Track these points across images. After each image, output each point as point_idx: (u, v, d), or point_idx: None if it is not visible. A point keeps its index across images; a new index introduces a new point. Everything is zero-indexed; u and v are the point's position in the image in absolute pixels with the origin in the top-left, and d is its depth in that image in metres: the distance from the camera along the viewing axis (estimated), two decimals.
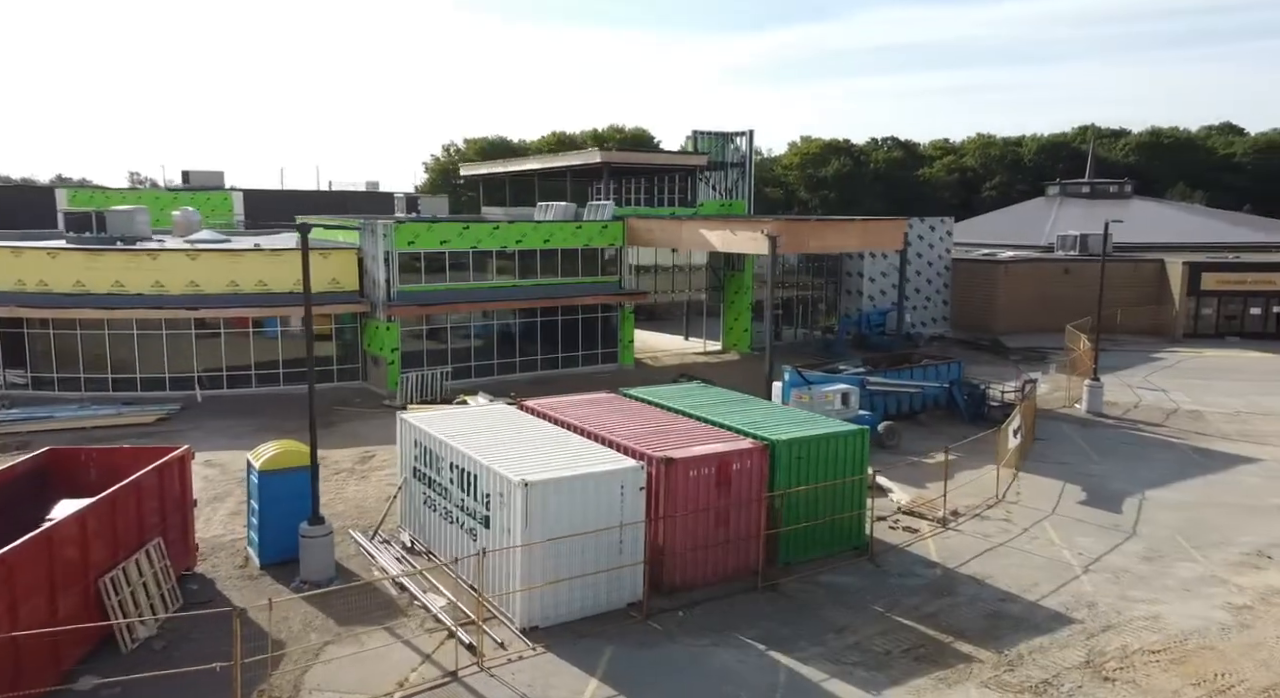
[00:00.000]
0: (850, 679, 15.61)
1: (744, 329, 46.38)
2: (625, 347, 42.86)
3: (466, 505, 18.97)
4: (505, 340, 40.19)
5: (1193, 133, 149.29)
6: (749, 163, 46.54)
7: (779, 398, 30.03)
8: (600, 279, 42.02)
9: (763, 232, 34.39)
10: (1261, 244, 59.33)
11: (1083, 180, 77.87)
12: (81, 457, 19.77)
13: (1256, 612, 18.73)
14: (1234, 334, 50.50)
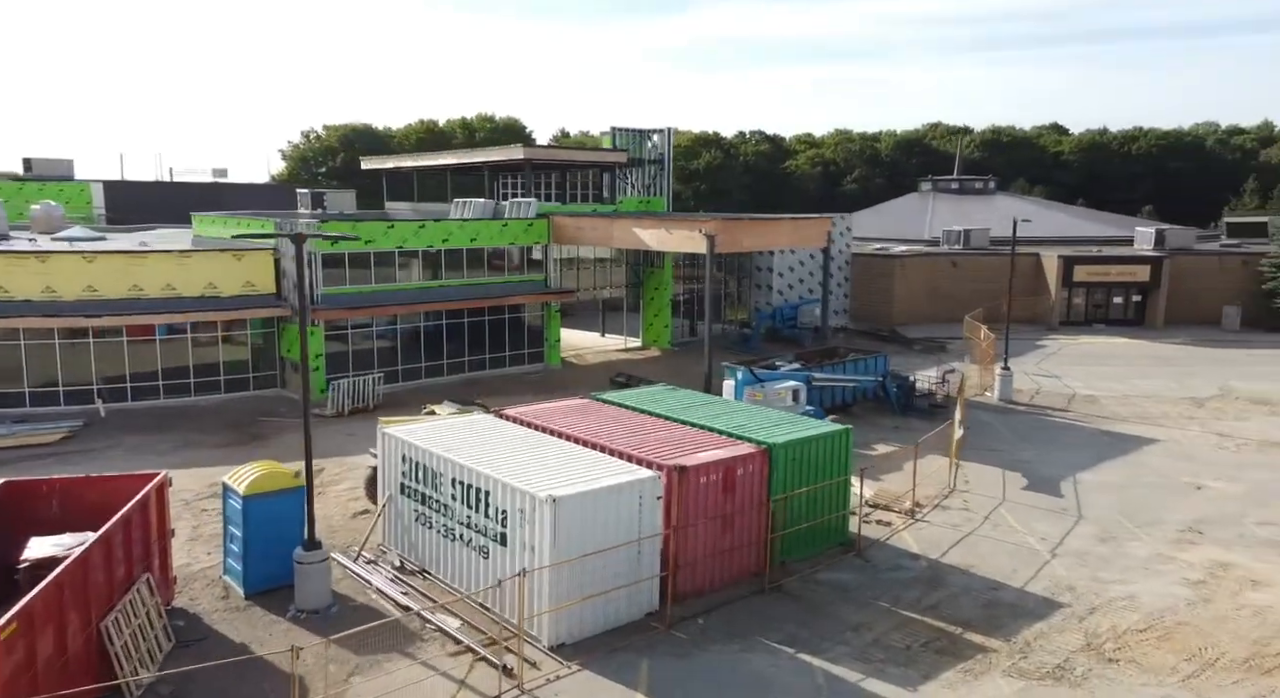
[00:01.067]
0: (885, 677, 16.20)
1: (664, 325, 46.78)
2: (552, 346, 42.51)
3: (475, 523, 18.52)
4: (432, 343, 39.15)
5: (1026, 131, 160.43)
6: (667, 159, 46.89)
7: (730, 396, 30.55)
8: (526, 278, 41.51)
9: (701, 231, 34.82)
10: (1113, 238, 64.22)
11: (952, 177, 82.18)
12: (42, 489, 18.15)
13: (1210, 586, 20.48)
14: (1100, 321, 54.66)
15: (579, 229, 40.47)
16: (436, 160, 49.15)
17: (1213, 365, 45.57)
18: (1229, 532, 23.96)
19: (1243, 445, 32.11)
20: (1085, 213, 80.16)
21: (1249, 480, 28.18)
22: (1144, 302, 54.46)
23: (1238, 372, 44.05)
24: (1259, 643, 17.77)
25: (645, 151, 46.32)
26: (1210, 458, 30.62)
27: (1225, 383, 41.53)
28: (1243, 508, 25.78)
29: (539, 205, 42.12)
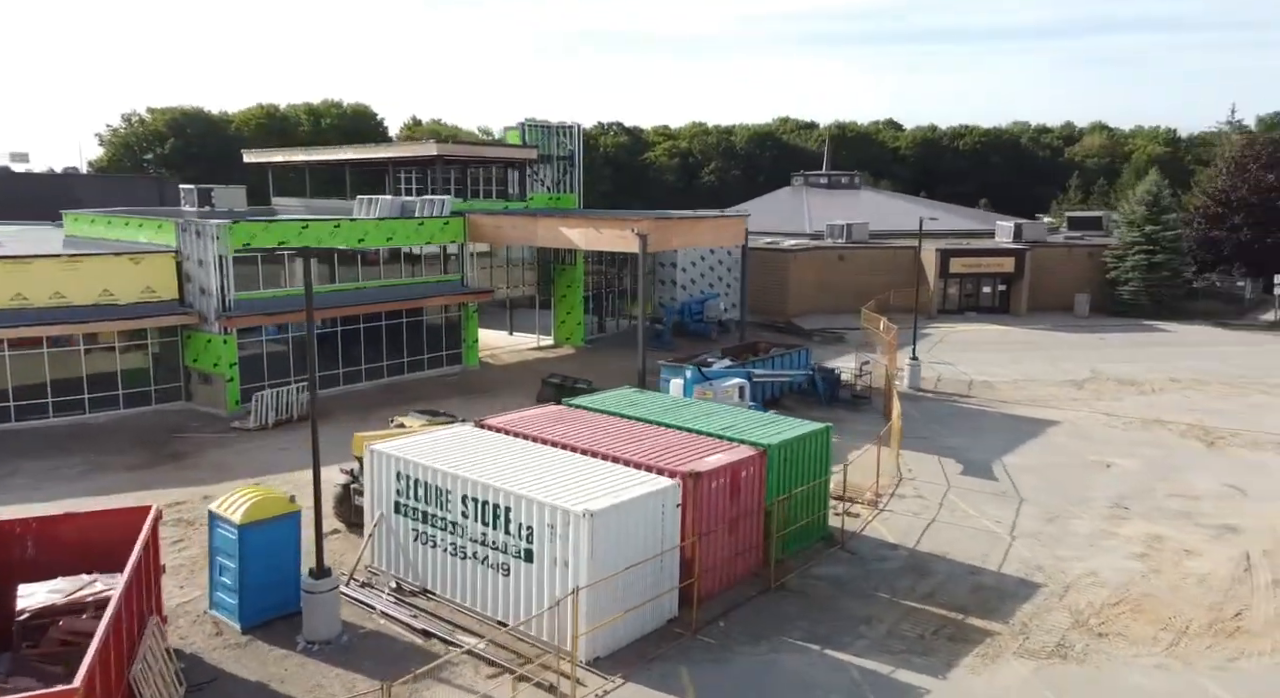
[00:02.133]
0: (912, 667, 17.05)
1: (577, 323, 46.66)
2: (470, 347, 41.68)
3: (492, 540, 18.18)
4: (350, 348, 37.65)
5: (864, 126, 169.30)
6: (578, 155, 46.59)
7: (679, 394, 30.96)
8: (444, 278, 40.48)
9: (633, 230, 35.00)
10: (975, 231, 68.60)
11: (821, 172, 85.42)
12: (15, 529, 16.50)
13: (1153, 558, 22.53)
14: (971, 310, 58.47)
15: (498, 228, 39.79)
16: (334, 155, 46.98)
17: (1076, 350, 49.56)
18: (1147, 505, 26.38)
19: (1128, 424, 35.21)
20: (942, 206, 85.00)
21: (1144, 457, 31.00)
22: (1008, 291, 58.60)
23: (1099, 355, 48.04)
24: (1214, 609, 19.76)
25: (555, 147, 45.93)
26: (1105, 437, 33.45)
27: (1094, 366, 45.25)
28: (1149, 483, 28.37)
29: (453, 203, 41.11)
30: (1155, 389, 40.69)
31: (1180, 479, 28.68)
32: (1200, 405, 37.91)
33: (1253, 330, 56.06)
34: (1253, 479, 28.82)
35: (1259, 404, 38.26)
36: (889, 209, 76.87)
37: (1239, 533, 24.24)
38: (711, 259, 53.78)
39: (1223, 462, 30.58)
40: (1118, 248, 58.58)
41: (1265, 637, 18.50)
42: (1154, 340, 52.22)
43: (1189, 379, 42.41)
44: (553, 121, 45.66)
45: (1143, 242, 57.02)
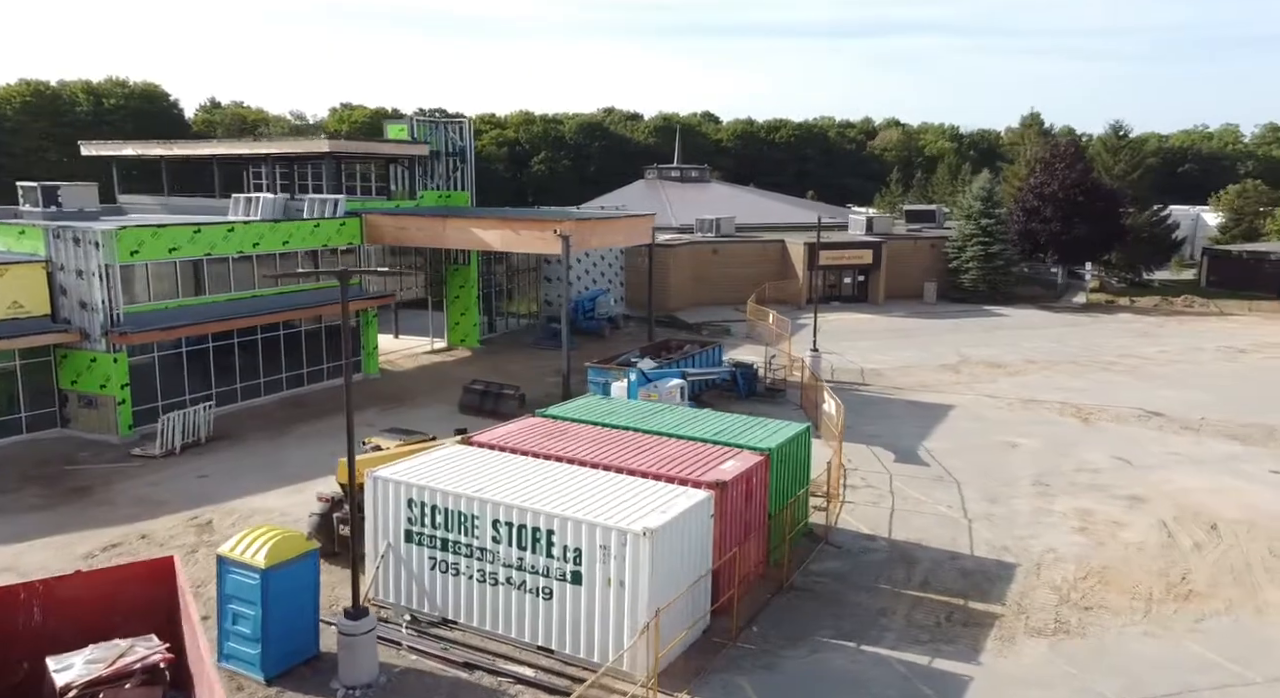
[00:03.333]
0: (945, 655, 18.07)
1: (472, 324, 45.46)
2: (370, 354, 39.79)
3: (530, 564, 17.70)
4: (248, 361, 35.10)
5: (685, 118, 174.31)
6: (470, 151, 45.10)
7: (624, 396, 31.00)
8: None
9: (556, 231, 34.57)
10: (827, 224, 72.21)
11: (673, 165, 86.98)
12: (19, 595, 14.54)
13: (1092, 532, 24.83)
14: (835, 300, 61.64)
15: (401, 229, 38.11)
16: (208, 150, 43.05)
17: (937, 335, 53.34)
18: (1062, 481, 28.98)
19: (1011, 405, 38.37)
20: (786, 198, 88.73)
21: (1039, 435, 33.91)
22: (866, 281, 62.16)
23: (958, 340, 51.87)
24: (1162, 575, 22.08)
25: (446, 143, 44.39)
26: (997, 418, 36.32)
27: (959, 350, 48.88)
28: (1053, 460, 31.13)
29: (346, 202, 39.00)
30: (1018, 371, 44.47)
31: (1076, 455, 31.63)
32: (1061, 384, 41.80)
33: (1071, 313, 62.22)
34: (1131, 451, 32.19)
35: (1107, 381, 42.58)
36: (738, 202, 79.46)
37: (1145, 502, 27.10)
38: (594, 255, 53.82)
39: (1102, 436, 33.93)
40: (957, 240, 63.37)
41: (1215, 597, 20.90)
42: (998, 325, 56.95)
43: (1043, 360, 46.63)
44: (449, 113, 44.22)
45: (979, 234, 61.97)
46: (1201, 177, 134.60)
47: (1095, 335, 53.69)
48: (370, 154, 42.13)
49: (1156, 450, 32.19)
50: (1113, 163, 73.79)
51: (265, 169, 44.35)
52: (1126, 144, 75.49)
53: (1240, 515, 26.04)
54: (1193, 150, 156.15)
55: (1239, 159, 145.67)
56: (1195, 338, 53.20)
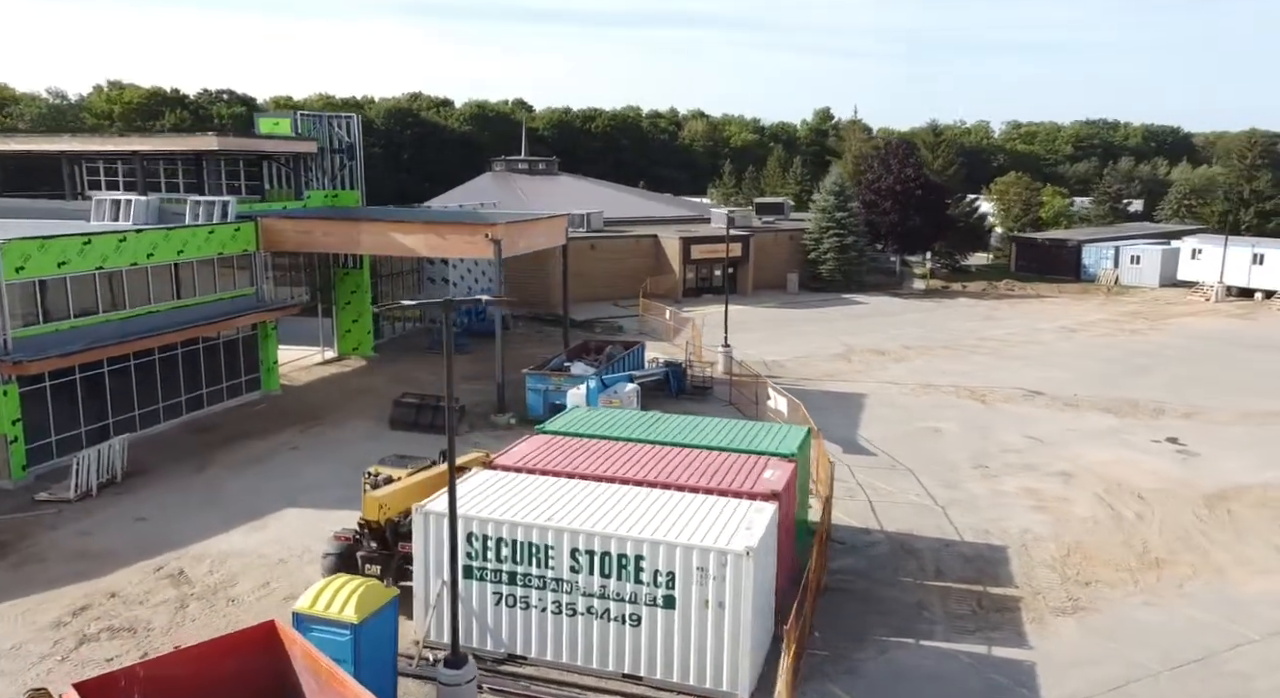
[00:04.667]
0: (998, 643, 19.06)
1: (366, 331, 42.92)
2: (270, 370, 36.77)
3: (616, 592, 17.17)
4: (145, 383, 31.58)
5: (497, 105, 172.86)
6: (359, 148, 42.14)
7: (582, 403, 30.42)
8: (239, 293, 35.23)
9: (487, 236, 33.30)
10: (685, 217, 73.71)
11: (520, 158, 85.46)
12: (119, 682, 12.55)
13: (1049, 510, 26.85)
14: (707, 292, 63.03)
15: (305, 234, 35.30)
16: (44, 145, 37.63)
17: (814, 324, 55.69)
18: (996, 463, 31.25)
19: (913, 391, 40.77)
20: (629, 190, 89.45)
21: (954, 419, 36.27)
22: (735, 273, 63.90)
23: (836, 329, 54.40)
24: (1127, 545, 24.35)
25: (332, 139, 41.44)
26: (907, 404, 38.53)
27: (842, 340, 51.29)
28: (977, 442, 33.41)
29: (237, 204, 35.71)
30: (901, 357, 47.32)
31: (994, 437, 34.15)
32: (943, 368, 44.89)
33: (916, 299, 66.72)
34: (1035, 429, 35.12)
35: (980, 364, 46.08)
36: (589, 194, 79.39)
37: (1074, 477, 29.71)
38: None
39: (1003, 417, 36.77)
40: (814, 232, 66.44)
41: (1179, 563, 23.27)
42: (861, 312, 60.25)
43: (918, 346, 49.83)
44: (337, 106, 41.19)
45: (834, 226, 65.25)
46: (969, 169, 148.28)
47: (948, 320, 57.90)
48: (259, 152, 38.77)
49: (1053, 428, 35.26)
50: (932, 158, 79.67)
51: (132, 167, 39.69)
52: (944, 140, 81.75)
53: (1154, 484, 29.06)
54: (955, 144, 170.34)
55: (991, 153, 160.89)
56: (1030, 319, 58.47)
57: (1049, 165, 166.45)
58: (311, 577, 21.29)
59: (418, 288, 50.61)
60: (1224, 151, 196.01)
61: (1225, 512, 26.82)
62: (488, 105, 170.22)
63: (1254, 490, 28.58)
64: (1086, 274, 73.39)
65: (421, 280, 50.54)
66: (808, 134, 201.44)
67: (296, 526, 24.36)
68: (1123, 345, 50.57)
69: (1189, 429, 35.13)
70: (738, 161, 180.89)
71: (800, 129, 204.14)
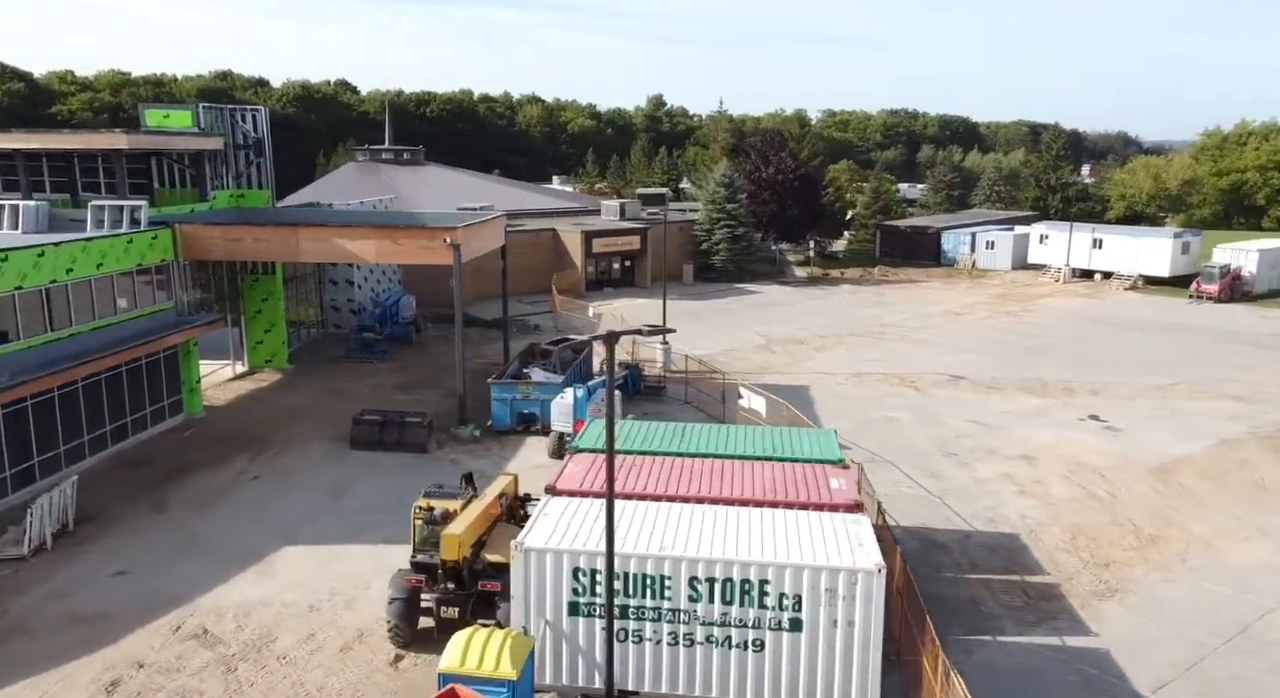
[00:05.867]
0: (1064, 632, 19.87)
1: (280, 342, 39.65)
2: (193, 391, 33.36)
3: (738, 618, 16.65)
4: (69, 415, 27.93)
5: (319, 85, 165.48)
6: (267, 143, 38.43)
7: (569, 417, 29.38)
8: (157, 308, 31.70)
9: (446, 240, 31.48)
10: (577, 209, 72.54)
11: (384, 147, 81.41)
12: None
13: (1030, 495, 28.23)
14: (608, 285, 62.50)
15: (233, 242, 32.01)
16: None
17: (723, 316, 56.15)
18: (960, 449, 32.66)
19: (849, 380, 41.78)
20: (498, 180, 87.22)
21: (901, 407, 37.48)
22: (633, 266, 63.65)
23: (745, 320, 55.08)
24: (1117, 524, 26.02)
25: (236, 134, 37.75)
26: (850, 394, 39.57)
27: (757, 331, 51.99)
28: (935, 430, 34.64)
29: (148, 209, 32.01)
30: (820, 347, 48.59)
31: (943, 423, 35.67)
32: (865, 356, 46.43)
33: (804, 287, 68.51)
34: (974, 413, 36.93)
35: (894, 350, 47.93)
36: (461, 185, 76.93)
37: (1036, 460, 31.46)
38: None
39: (941, 403, 38.44)
40: (705, 223, 67.14)
41: (1169, 538, 25.08)
42: (760, 302, 61.33)
43: (829, 335, 51.31)
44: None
45: (725, 218, 66.17)
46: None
47: (843, 307, 59.95)
48: (169, 149, 34.80)
49: (990, 411, 37.20)
50: (799, 148, 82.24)
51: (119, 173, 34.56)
52: (808, 131, 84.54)
53: (1104, 462, 31.21)
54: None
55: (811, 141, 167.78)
56: (916, 304, 61.42)
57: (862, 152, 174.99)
58: (357, 623, 19.69)
59: (319, 290, 47.38)
60: (1004, 140, 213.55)
61: (1178, 485, 29.16)
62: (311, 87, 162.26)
63: (1188, 463, 31.19)
64: (946, 259, 77.93)
65: (324, 282, 47.32)
66: (643, 120, 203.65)
67: (307, 566, 22.34)
68: (1008, 328, 53.99)
69: (1102, 406, 37.91)
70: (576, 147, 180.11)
71: (635, 115, 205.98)
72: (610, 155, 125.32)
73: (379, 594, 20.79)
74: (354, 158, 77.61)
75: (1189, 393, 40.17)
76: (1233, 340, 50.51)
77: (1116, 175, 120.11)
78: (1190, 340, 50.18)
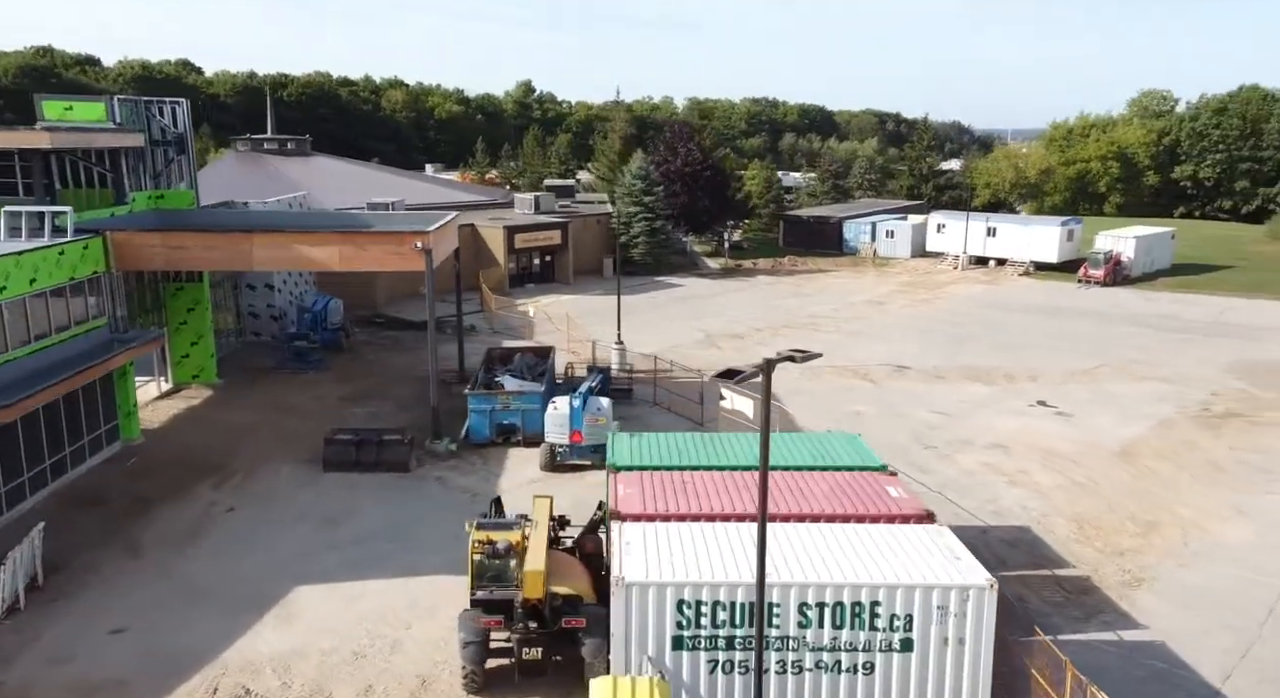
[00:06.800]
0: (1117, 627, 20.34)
1: (208, 355, 36.42)
2: (130, 415, 30.19)
3: (848, 641, 16.20)
4: (7, 452, 24.71)
5: (158, 65, 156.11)
6: (189, 140, 34.80)
7: (564, 428, 28.14)
8: (91, 325, 28.44)
9: (417, 245, 29.54)
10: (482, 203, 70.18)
11: (268, 136, 76.51)
12: None
13: (1020, 485, 28.85)
14: (530, 282, 60.79)
15: (177, 250, 28.91)
16: None
17: (654, 310, 55.37)
18: (936, 441, 33.25)
19: (801, 374, 41.77)
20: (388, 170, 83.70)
21: (864, 401, 37.80)
22: (553, 261, 62.15)
23: (676, 313, 54.45)
24: (1111, 511, 26.94)
25: (153, 129, 34.17)
26: (808, 389, 39.55)
27: (694, 325, 51.57)
28: (903, 422, 35.09)
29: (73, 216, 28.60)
30: (761, 340, 48.60)
31: (909, 415, 36.24)
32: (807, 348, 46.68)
33: (723, 278, 68.30)
34: (933, 403, 37.70)
35: (834, 342, 48.26)
36: (356, 177, 73.59)
37: (1009, 449, 32.37)
38: None
39: (898, 394, 39.04)
40: (623, 217, 66.29)
41: (1164, 523, 26.07)
42: (685, 295, 60.95)
43: (766, 328, 51.46)
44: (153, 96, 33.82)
45: (643, 211, 65.53)
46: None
47: (766, 299, 60.33)
48: (90, 148, 31.07)
49: (947, 401, 38.09)
50: (702, 138, 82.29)
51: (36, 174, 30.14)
52: (710, 122, 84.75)
53: (1070, 448, 32.39)
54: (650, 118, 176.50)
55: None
56: (836, 294, 62.39)
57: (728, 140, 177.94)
58: (414, 669, 18.29)
59: (235, 295, 43.99)
60: (857, 129, 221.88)
61: (1145, 468, 30.56)
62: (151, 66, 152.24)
63: (1142, 446, 32.75)
64: (848, 248, 79.79)
65: (240, 286, 43.95)
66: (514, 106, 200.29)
67: (328, 607, 20.52)
68: (928, 316, 55.58)
69: (1043, 392, 39.41)
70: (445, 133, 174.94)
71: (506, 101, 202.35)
72: (476, 139, 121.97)
73: (422, 635, 19.41)
74: (235, 148, 72.55)
75: (1112, 376, 42.31)
76: (1128, 323, 53.62)
77: (981, 164, 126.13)
78: (1090, 324, 52.86)
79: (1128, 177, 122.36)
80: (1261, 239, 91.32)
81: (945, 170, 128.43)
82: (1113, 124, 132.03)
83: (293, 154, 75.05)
